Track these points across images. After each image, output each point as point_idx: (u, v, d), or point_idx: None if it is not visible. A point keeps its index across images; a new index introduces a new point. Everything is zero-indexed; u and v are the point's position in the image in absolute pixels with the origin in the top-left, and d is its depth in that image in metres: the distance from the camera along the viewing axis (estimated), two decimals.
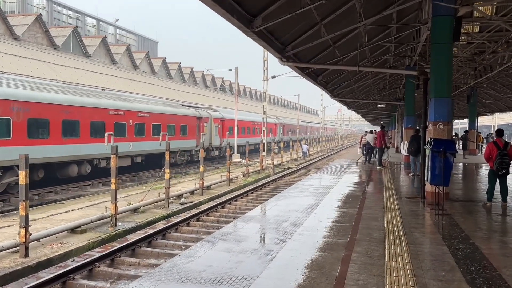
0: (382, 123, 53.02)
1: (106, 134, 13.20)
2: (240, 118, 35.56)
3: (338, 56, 14.24)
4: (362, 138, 27.40)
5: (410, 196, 11.44)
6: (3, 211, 14.25)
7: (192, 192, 17.20)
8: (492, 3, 11.44)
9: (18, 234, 8.60)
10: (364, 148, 26.47)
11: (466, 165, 22.19)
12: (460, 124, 79.32)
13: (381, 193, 12.02)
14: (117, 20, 61.75)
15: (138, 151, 23.10)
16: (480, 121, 35.17)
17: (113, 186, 11.55)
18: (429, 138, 9.92)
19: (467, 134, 28.47)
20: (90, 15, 56.44)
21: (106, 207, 12.16)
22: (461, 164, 22.24)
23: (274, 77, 32.03)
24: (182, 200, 15.65)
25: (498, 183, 9.90)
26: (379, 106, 30.20)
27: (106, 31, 56.71)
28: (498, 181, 9.89)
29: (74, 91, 19.50)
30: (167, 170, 14.51)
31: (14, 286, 7.28)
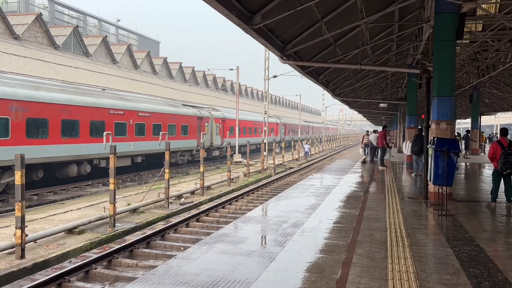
0: (384, 123, 52.87)
1: (105, 133, 13.07)
2: (241, 118, 35.40)
3: (339, 54, 14.07)
4: (364, 138, 27.24)
5: (412, 196, 11.26)
6: (1, 212, 14.14)
7: (192, 192, 17.06)
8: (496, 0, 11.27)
9: (14, 235, 8.48)
10: (366, 148, 26.31)
11: (468, 165, 22.00)
12: (462, 123, 79.04)
13: (383, 193, 11.84)
14: (118, 20, 61.69)
15: (139, 151, 22.98)
16: (482, 120, 34.83)
17: (111, 187, 11.43)
18: (432, 138, 9.74)
19: (469, 133, 28.26)
20: (91, 15, 56.40)
21: (104, 208, 12.03)
22: (463, 164, 22.05)
23: (275, 76, 31.87)
24: (182, 200, 15.51)
25: (502, 183, 9.73)
26: (381, 105, 30.05)
27: (107, 31, 56.68)
28: (502, 181, 9.73)
29: (74, 91, 19.38)
30: (167, 170, 14.38)
31: None
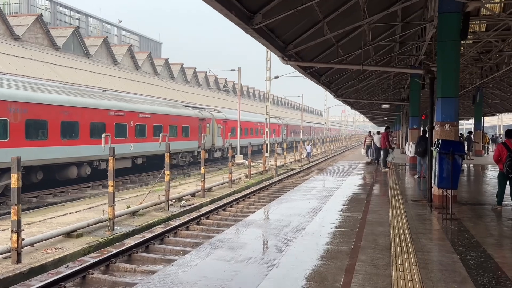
0: (386, 124, 52.62)
1: (103, 135, 12.92)
2: (243, 119, 35.23)
3: (341, 55, 13.90)
4: (366, 139, 27.02)
5: (416, 199, 11.05)
6: (0, 214, 13.99)
7: (193, 194, 16.89)
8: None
9: (10, 239, 8.33)
10: (368, 149, 26.10)
11: (471, 166, 21.76)
12: (465, 124, 78.67)
13: (386, 196, 11.65)
14: (120, 21, 61.64)
15: (139, 153, 22.84)
16: (485, 121, 34.63)
17: (110, 189, 11.28)
18: (436, 139, 9.55)
19: (471, 135, 28.02)
20: (93, 16, 56.34)
21: (103, 211, 11.87)
22: (465, 165, 21.81)
23: (277, 77, 31.69)
24: (182, 202, 15.34)
25: (508, 186, 9.52)
26: (384, 106, 29.85)
27: (109, 32, 56.61)
28: (508, 183, 9.52)
29: (74, 92, 19.23)
30: (167, 172, 14.23)
31: None
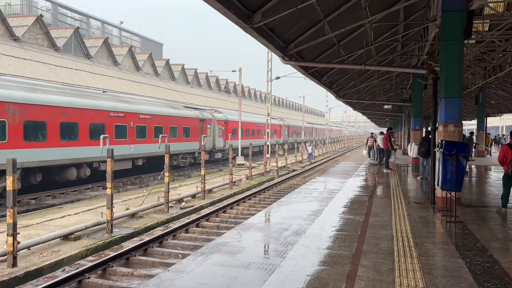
0: (388, 125, 52.37)
1: (102, 136, 12.75)
2: (244, 120, 35.07)
3: (343, 55, 13.73)
4: (368, 140, 26.84)
5: (419, 201, 10.87)
6: None
7: (193, 196, 16.74)
8: None
9: (6, 242, 8.18)
10: (370, 150, 25.93)
11: (473, 167, 21.52)
12: (467, 125, 78.39)
13: (388, 197, 11.46)
14: (122, 22, 61.56)
15: (140, 154, 22.69)
16: (487, 122, 34.33)
17: (108, 191, 11.14)
18: (439, 140, 9.36)
19: (473, 135, 27.78)
20: (94, 17, 56.27)
21: (102, 213, 11.72)
22: (467, 166, 21.52)
23: (278, 78, 31.52)
24: (182, 204, 15.19)
25: None
26: (385, 107, 29.60)
27: (110, 33, 56.56)
28: None
29: (73, 93, 19.10)
30: (167, 173, 14.08)
31: None
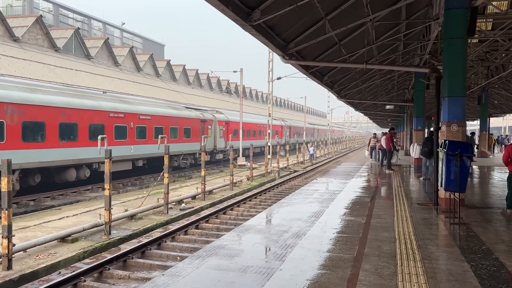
0: (390, 125, 52.14)
1: (99, 137, 12.57)
2: (245, 121, 34.90)
3: (344, 54, 13.55)
4: (370, 141, 26.66)
5: (422, 202, 10.67)
6: None
7: (193, 197, 16.58)
8: None
9: (1, 245, 8.03)
10: (372, 151, 25.75)
11: (476, 168, 21.29)
12: (469, 125, 78.04)
13: (390, 199, 11.28)
14: (123, 23, 61.51)
15: (140, 155, 22.53)
16: (490, 122, 34.08)
17: (106, 192, 11.00)
18: (443, 140, 9.17)
19: (474, 136, 27.51)
20: (96, 18, 56.22)
21: (100, 214, 11.58)
22: (471, 168, 21.35)
23: (279, 78, 31.36)
24: (182, 205, 15.03)
25: None
26: (387, 107, 29.41)
27: (112, 34, 56.52)
28: None
29: (72, 93, 18.95)
30: (166, 174, 13.92)
31: None
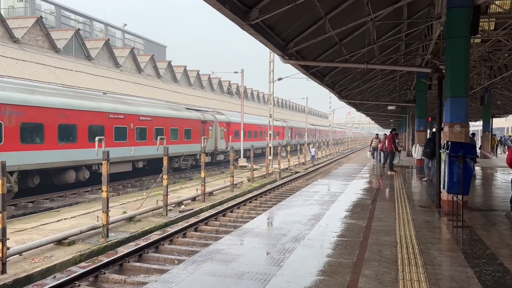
0: (392, 126, 51.91)
1: (97, 139, 12.44)
2: (246, 122, 34.74)
3: (345, 54, 13.39)
4: (372, 141, 26.48)
5: (424, 204, 10.49)
6: None
7: (193, 199, 16.44)
8: None
9: None
10: (374, 151, 25.57)
11: (478, 169, 21.03)
12: (472, 126, 77.78)
13: (392, 201, 11.09)
14: (125, 24, 61.42)
15: (140, 156, 22.40)
16: (493, 123, 33.81)
17: (104, 194, 10.86)
18: (445, 141, 8.99)
19: (474, 137, 27.24)
20: (98, 20, 56.15)
21: (97, 217, 11.42)
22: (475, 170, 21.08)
23: (280, 79, 31.19)
24: (182, 207, 14.89)
25: None
26: (389, 108, 29.23)
27: (114, 36, 56.45)
28: None
29: (72, 94, 18.83)
30: (165, 176, 13.78)
31: None
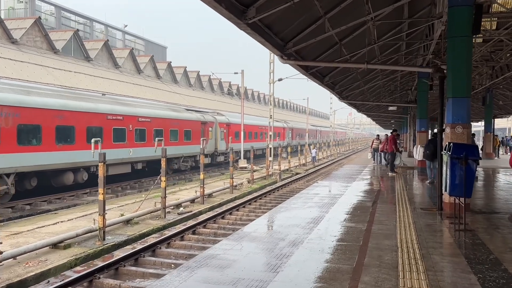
0: (394, 127, 51.70)
1: (93, 140, 12.31)
2: (246, 123, 34.58)
3: (345, 54, 13.21)
4: (373, 142, 26.30)
5: (425, 207, 10.29)
6: None
7: (192, 200, 16.29)
8: None
9: None
10: (375, 152, 25.39)
11: (480, 170, 20.84)
12: (473, 127, 77.57)
13: (393, 203, 10.91)
14: (125, 25, 61.28)
15: (139, 157, 22.24)
16: (495, 123, 33.61)
17: (100, 197, 10.72)
18: (447, 143, 8.81)
19: (473, 137, 27.01)
20: (98, 21, 56.04)
21: (94, 219, 11.27)
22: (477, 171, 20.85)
23: (280, 79, 31.03)
24: (180, 209, 14.73)
25: None
26: (390, 108, 29.03)
27: (114, 37, 56.33)
28: None
29: (69, 96, 18.69)
30: (163, 178, 13.61)
31: None
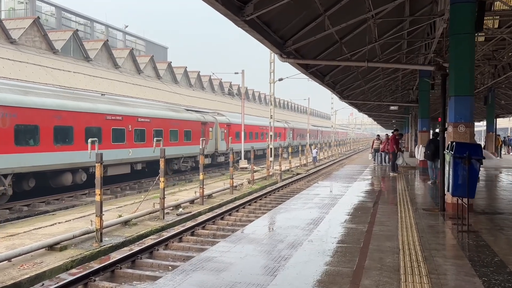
0: (395, 126, 51.49)
1: (89, 140, 12.17)
2: (247, 123, 34.41)
3: (345, 53, 13.04)
4: (374, 142, 26.14)
5: (427, 207, 10.12)
6: None
7: (191, 201, 16.12)
8: None
9: None
10: (376, 153, 25.23)
11: (482, 170, 20.63)
12: (475, 126, 77.32)
13: (394, 204, 10.73)
14: (126, 26, 61.23)
15: (139, 158, 22.09)
16: (497, 123, 33.43)
17: (97, 198, 10.54)
18: (449, 142, 8.63)
19: (474, 137, 26.82)
20: (99, 21, 55.98)
21: (91, 221, 11.11)
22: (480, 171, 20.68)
23: (281, 79, 30.85)
24: (179, 210, 14.57)
25: None
26: (392, 108, 28.84)
27: (115, 37, 56.25)
28: None
29: (68, 96, 18.55)
30: (162, 178, 13.46)
31: None
